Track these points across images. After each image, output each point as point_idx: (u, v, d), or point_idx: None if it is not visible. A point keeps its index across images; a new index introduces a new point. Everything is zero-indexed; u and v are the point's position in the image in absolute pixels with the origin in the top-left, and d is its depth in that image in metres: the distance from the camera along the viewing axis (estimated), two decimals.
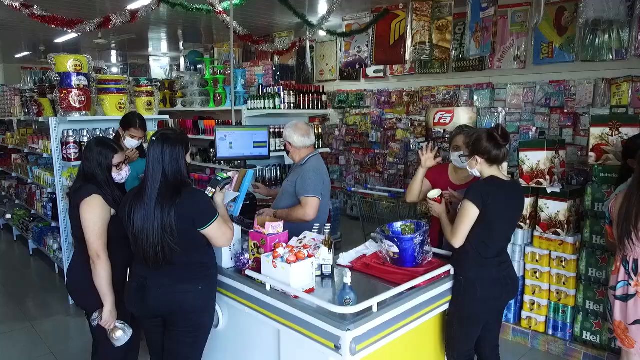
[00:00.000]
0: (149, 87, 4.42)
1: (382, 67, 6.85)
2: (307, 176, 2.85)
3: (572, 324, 3.37)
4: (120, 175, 2.47)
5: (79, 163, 4.02)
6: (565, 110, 5.09)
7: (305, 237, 2.38)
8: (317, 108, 5.49)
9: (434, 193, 2.53)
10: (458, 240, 2.21)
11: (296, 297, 2.11)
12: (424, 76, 6.49)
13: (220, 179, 2.43)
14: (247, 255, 2.46)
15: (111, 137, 4.16)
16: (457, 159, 2.71)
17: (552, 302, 3.43)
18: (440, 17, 5.27)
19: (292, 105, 5.24)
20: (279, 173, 4.94)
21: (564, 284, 3.34)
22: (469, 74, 5.98)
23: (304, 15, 5.05)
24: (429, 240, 2.38)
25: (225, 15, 4.57)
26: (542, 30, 5.24)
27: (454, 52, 5.57)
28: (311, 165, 2.92)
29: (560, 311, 3.39)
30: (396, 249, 2.35)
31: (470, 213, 2.16)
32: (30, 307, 4.33)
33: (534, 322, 3.50)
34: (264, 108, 5.13)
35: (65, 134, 3.98)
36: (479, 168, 2.28)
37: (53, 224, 4.99)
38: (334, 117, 7.82)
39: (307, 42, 6.15)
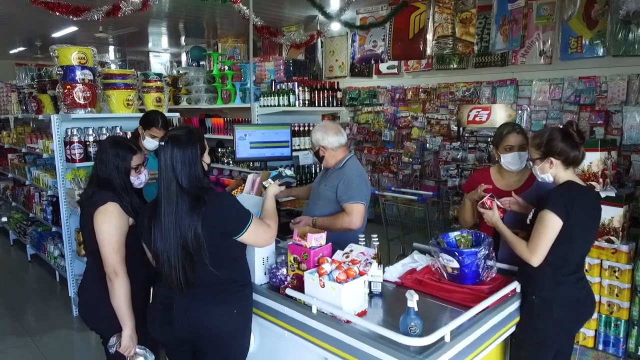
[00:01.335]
0: (159, 83, 4.11)
1: (395, 63, 6.57)
2: (351, 180, 2.57)
3: (625, 339, 3.10)
4: (139, 179, 2.18)
5: (83, 164, 3.75)
6: (597, 108, 4.83)
7: (352, 251, 2.09)
8: (332, 105, 5.21)
9: (480, 191, 2.28)
10: (538, 257, 1.92)
11: (348, 321, 1.83)
12: (441, 72, 6.22)
13: (285, 175, 2.20)
14: (284, 271, 2.17)
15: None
16: (511, 161, 2.44)
17: (603, 315, 3.16)
18: (464, 10, 4.99)
19: (306, 102, 4.95)
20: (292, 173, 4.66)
21: (617, 295, 3.07)
22: (490, 69, 5.71)
23: (322, 6, 4.75)
24: (493, 254, 2.10)
25: (241, 5, 4.27)
26: (571, 24, 4.98)
27: (475, 46, 5.30)
28: (352, 168, 2.65)
29: (613, 325, 3.13)
30: (456, 264, 2.06)
31: (553, 226, 1.88)
32: (30, 320, 4.01)
33: (582, 336, 3.23)
34: (278, 105, 4.84)
35: (69, 133, 3.67)
36: (553, 172, 2.00)
37: (54, 229, 4.68)
38: (344, 115, 7.52)
39: (319, 36, 5.85)
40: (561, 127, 2.02)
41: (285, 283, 2.09)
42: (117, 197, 2.01)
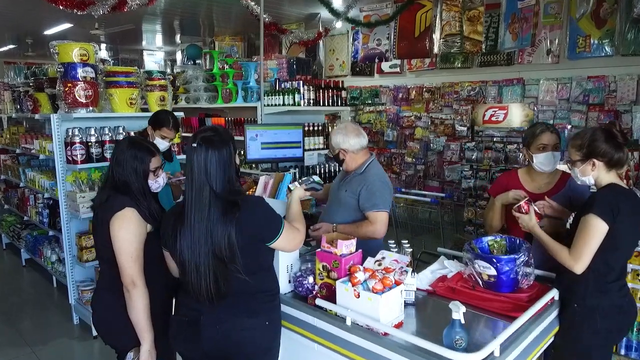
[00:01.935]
0: (162, 81, 3.96)
1: (398, 62, 6.48)
2: (374, 187, 2.46)
3: None
4: (158, 182, 2.05)
5: (85, 166, 3.60)
6: (606, 108, 4.78)
7: (384, 258, 1.98)
8: (337, 105, 5.10)
9: (516, 193, 2.18)
10: (582, 264, 1.83)
11: (386, 333, 1.72)
12: (445, 71, 6.14)
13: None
14: (310, 279, 2.06)
15: (121, 135, 3.71)
16: (544, 161, 2.35)
17: None
18: (472, 8, 4.92)
19: (311, 101, 4.84)
20: (297, 175, 4.55)
21: (639, 299, 3.01)
22: (495, 68, 5.65)
23: (329, 3, 4.64)
24: (532, 260, 2.00)
25: (250, 1, 4.14)
26: (579, 23, 4.93)
27: (482, 45, 5.22)
28: (375, 173, 2.54)
29: (635, 330, 3.06)
30: (493, 271, 1.97)
31: (599, 231, 1.79)
32: (29, 328, 3.83)
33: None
34: (284, 104, 4.71)
35: (71, 133, 3.50)
36: (595, 174, 1.92)
37: (51, 233, 4.51)
38: (344, 115, 7.41)
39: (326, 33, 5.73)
40: (603, 127, 1.93)
41: (314, 292, 1.98)
42: (134, 202, 1.88)
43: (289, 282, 2.11)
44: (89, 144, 3.54)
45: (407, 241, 2.11)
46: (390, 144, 6.75)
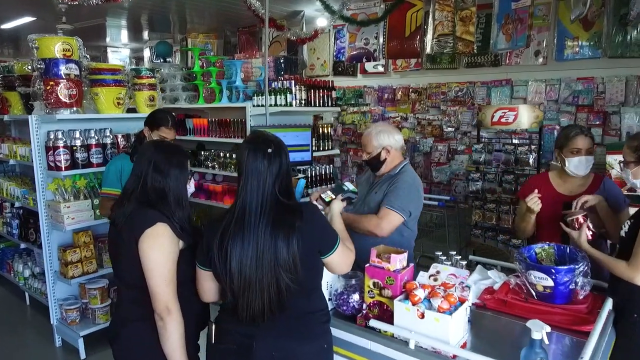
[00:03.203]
0: (152, 79, 3.67)
1: (382, 62, 6.38)
2: (401, 187, 2.32)
3: None
4: (191, 187, 1.84)
5: (70, 172, 3.26)
6: (595, 109, 4.86)
7: (438, 272, 1.84)
8: (327, 105, 4.94)
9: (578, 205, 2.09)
10: None
11: (455, 356, 1.58)
12: (431, 72, 6.09)
13: (347, 188, 1.97)
14: (355, 297, 1.89)
15: (109, 138, 3.40)
16: (578, 165, 2.28)
17: None
18: (464, 8, 4.87)
19: (302, 101, 4.66)
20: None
21: None
22: (482, 69, 5.64)
23: (326, 1, 4.48)
24: (589, 269, 1.91)
25: None
26: (567, 25, 4.99)
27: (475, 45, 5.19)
28: (410, 177, 2.39)
29: None
30: (550, 282, 1.86)
31: None
32: (6, 353, 3.43)
33: None
34: (276, 105, 4.50)
35: (53, 137, 3.17)
36: None
37: (22, 246, 4.09)
38: (327, 116, 7.26)
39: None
40: None
41: (364, 312, 1.81)
42: (164, 216, 1.64)
43: (329, 300, 1.94)
44: (74, 148, 3.21)
45: (455, 252, 1.97)
46: None
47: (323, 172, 4.39)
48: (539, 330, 1.48)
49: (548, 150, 4.58)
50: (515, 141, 4.21)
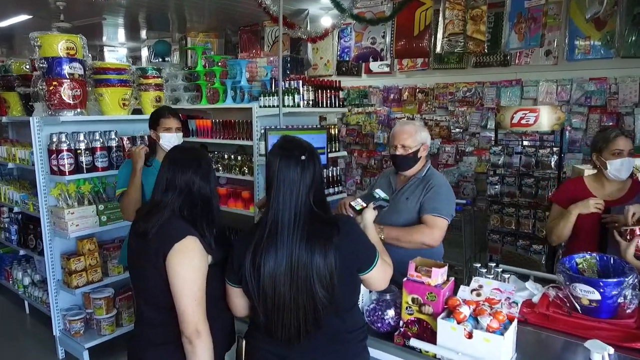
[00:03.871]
0: (158, 79, 3.53)
1: (388, 62, 6.26)
2: (442, 191, 2.22)
3: None
4: None
5: (74, 177, 3.11)
6: (608, 110, 4.77)
7: (481, 287, 1.72)
8: (335, 106, 4.82)
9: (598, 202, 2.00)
10: None
11: None
12: (438, 72, 5.99)
13: (378, 196, 1.84)
14: (390, 313, 1.77)
15: (114, 141, 3.26)
16: (620, 168, 2.19)
17: None
18: (475, 6, 4.77)
19: (310, 102, 4.54)
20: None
21: None
22: (491, 69, 5.54)
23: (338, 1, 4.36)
24: (637, 281, 1.80)
25: None
26: (579, 25, 4.90)
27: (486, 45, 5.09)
28: (442, 179, 2.31)
29: None
30: (597, 296, 1.75)
31: None
32: None
33: None
34: (284, 105, 4.38)
35: (56, 139, 3.02)
36: None
37: (22, 252, 3.92)
38: (330, 117, 7.14)
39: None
40: None
41: (402, 329, 1.69)
42: (194, 229, 1.51)
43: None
44: (78, 151, 3.07)
45: (495, 264, 1.86)
46: (380, 146, 6.53)
47: (330, 175, 4.31)
48: (600, 352, 1.37)
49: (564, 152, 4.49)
50: (534, 143, 4.11)
